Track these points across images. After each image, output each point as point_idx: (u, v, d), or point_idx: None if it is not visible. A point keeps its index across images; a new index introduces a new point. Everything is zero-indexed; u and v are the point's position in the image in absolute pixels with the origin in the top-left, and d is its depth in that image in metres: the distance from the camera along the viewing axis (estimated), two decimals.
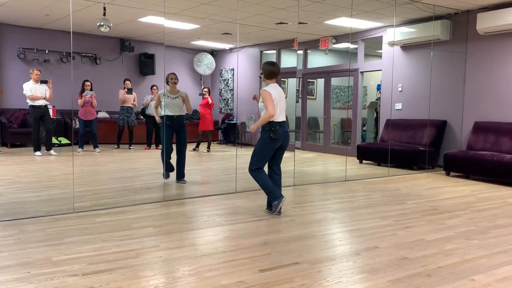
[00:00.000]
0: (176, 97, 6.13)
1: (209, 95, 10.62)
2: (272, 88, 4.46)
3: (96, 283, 2.74)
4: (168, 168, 6.18)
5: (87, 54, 11.34)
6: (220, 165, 8.42)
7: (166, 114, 6.07)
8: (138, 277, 2.85)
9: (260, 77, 4.72)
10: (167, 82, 6.22)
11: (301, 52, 11.34)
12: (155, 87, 10.28)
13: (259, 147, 4.48)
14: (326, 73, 10.89)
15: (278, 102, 4.43)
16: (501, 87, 7.43)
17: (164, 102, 6.05)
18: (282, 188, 6.02)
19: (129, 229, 3.95)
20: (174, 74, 6.26)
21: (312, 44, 10.83)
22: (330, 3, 7.40)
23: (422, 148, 7.98)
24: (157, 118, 6.47)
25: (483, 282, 2.88)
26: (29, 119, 9.29)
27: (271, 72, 4.52)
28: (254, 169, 4.47)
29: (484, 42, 7.63)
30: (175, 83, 6.18)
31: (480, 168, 6.90)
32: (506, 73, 7.35)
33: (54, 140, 9.77)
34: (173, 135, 6.18)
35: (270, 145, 4.44)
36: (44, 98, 8.69)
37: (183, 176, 6.29)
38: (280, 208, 4.53)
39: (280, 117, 4.46)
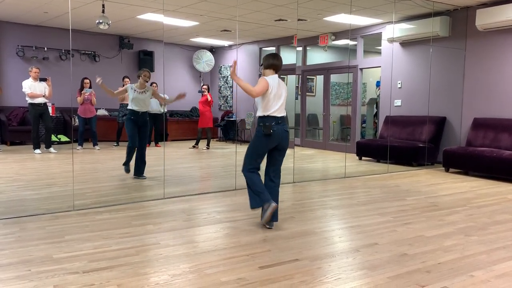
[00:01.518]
0: (143, 92, 6.19)
1: (208, 92, 10.61)
2: (272, 79, 4.04)
3: (96, 280, 2.75)
4: (129, 161, 6.31)
5: (86, 52, 11.32)
6: (219, 162, 8.43)
7: (131, 108, 6.17)
8: (139, 274, 2.86)
9: (260, 74, 4.26)
10: (139, 77, 6.23)
11: (300, 48, 11.33)
12: (154, 84, 10.27)
13: (251, 145, 4.06)
14: (325, 69, 10.88)
15: (275, 95, 4.00)
16: (500, 83, 7.43)
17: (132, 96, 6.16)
18: (281, 186, 6.03)
19: (129, 226, 3.96)
20: (149, 72, 6.32)
21: (311, 41, 10.82)
22: None
23: (421, 145, 7.99)
24: (99, 80, 5.85)
25: (482, 278, 2.90)
26: (28, 117, 9.28)
27: (270, 64, 4.09)
28: (247, 169, 4.03)
29: (483, 39, 7.63)
30: (146, 81, 6.24)
31: (479, 164, 6.91)
32: (506, 69, 7.35)
33: (53, 138, 9.76)
34: (137, 131, 6.24)
35: (263, 143, 3.97)
36: (44, 96, 8.69)
37: (143, 173, 6.36)
38: (269, 218, 3.88)
39: (276, 112, 3.99)
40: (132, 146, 6.25)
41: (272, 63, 4.08)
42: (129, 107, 6.25)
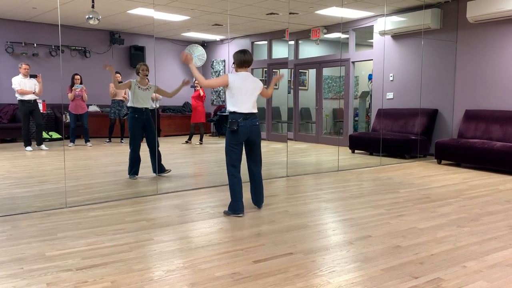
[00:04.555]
0: (146, 88, 5.93)
1: (201, 87, 10.56)
2: (238, 76, 4.19)
3: (90, 277, 2.73)
4: (135, 165, 5.97)
5: (77, 47, 11.21)
6: (213, 157, 8.41)
7: (135, 106, 5.83)
8: (133, 270, 2.85)
9: (233, 67, 4.37)
10: (138, 73, 5.95)
11: (292, 42, 11.30)
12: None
13: (225, 142, 4.28)
14: (317, 63, 10.88)
15: (239, 91, 4.14)
16: (491, 75, 7.47)
17: (134, 92, 5.83)
18: (275, 180, 6.06)
19: (122, 222, 3.94)
20: (146, 65, 5.99)
21: (303, 35, 10.80)
22: None
23: (413, 137, 8.03)
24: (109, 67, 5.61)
25: (475, 268, 2.92)
26: (19, 114, 9.20)
27: (242, 60, 4.23)
28: (228, 165, 4.26)
29: (474, 30, 7.65)
30: (146, 75, 5.95)
31: (471, 156, 6.96)
32: (497, 61, 7.39)
33: (45, 135, 9.68)
34: (142, 130, 5.94)
35: (232, 139, 4.20)
36: (34, 93, 8.60)
37: (164, 168, 6.14)
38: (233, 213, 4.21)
39: (244, 109, 4.16)
40: (136, 147, 5.88)
41: (244, 60, 4.26)
42: (130, 104, 5.91)
